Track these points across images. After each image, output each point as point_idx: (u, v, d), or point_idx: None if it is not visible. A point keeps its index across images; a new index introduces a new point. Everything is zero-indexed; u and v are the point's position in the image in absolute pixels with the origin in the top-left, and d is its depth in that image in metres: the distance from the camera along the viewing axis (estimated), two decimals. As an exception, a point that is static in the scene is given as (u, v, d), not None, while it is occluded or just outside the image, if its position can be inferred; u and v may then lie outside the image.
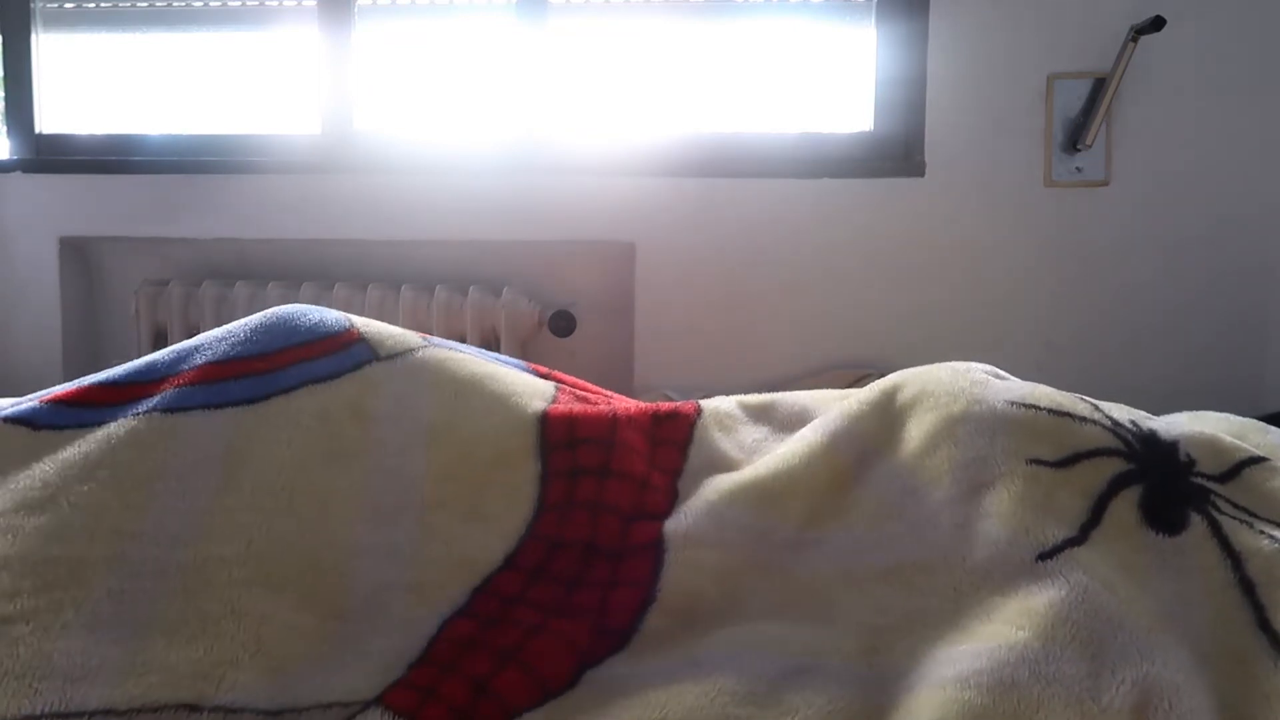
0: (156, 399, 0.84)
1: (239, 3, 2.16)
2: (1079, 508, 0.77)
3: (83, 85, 2.19)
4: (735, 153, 2.00)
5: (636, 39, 2.11)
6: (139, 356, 2.06)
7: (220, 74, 2.18)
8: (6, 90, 2.14)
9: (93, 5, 2.17)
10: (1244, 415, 1.11)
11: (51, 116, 2.16)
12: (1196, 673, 0.65)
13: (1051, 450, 0.82)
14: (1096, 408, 0.91)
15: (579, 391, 0.98)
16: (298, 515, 0.79)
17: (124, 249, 2.12)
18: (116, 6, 2.17)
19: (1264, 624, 0.68)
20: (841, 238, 1.96)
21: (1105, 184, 1.92)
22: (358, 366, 0.89)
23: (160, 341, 2.03)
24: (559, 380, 0.99)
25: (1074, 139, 1.90)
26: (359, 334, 0.92)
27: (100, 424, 0.83)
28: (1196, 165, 1.92)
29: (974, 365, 0.94)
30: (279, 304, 1.99)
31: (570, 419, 0.88)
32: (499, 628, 0.74)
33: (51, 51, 2.17)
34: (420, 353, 0.92)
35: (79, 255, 2.13)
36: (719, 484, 0.84)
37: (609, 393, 1.02)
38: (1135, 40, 1.80)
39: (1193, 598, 0.71)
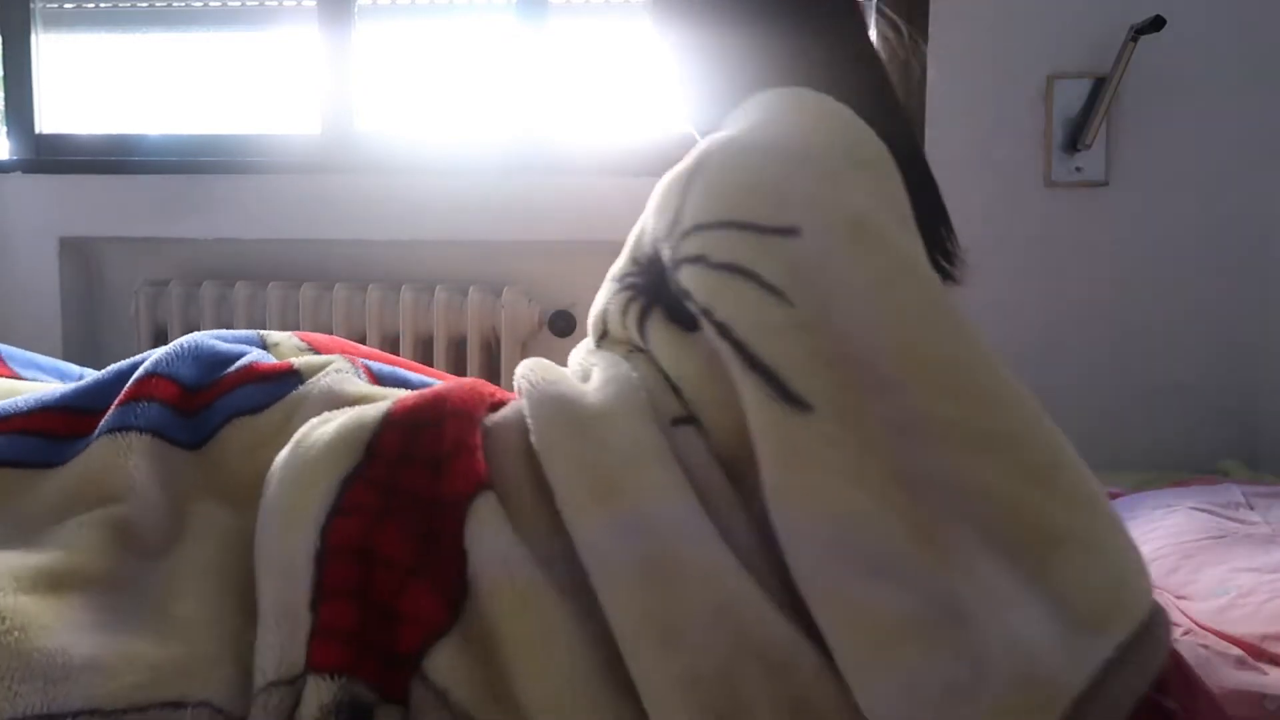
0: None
1: (239, 3, 2.16)
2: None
3: (83, 85, 2.19)
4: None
5: (637, 39, 2.11)
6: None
7: (220, 74, 2.18)
8: (6, 90, 2.14)
9: (93, 5, 2.17)
10: (1243, 416, 1.11)
11: (51, 116, 2.16)
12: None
13: None
14: None
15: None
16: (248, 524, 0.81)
17: (124, 249, 2.13)
18: (116, 6, 2.18)
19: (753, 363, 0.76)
20: (841, 238, 1.96)
21: (1105, 184, 1.92)
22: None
23: (160, 341, 2.03)
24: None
25: (1074, 139, 1.90)
26: (292, 366, 0.93)
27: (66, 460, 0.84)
28: (1196, 165, 1.92)
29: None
30: (279, 304, 1.99)
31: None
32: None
33: (51, 51, 2.17)
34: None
35: (79, 255, 2.13)
36: None
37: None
38: (1135, 40, 1.79)
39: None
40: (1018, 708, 0.65)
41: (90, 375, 1.10)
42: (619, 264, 0.96)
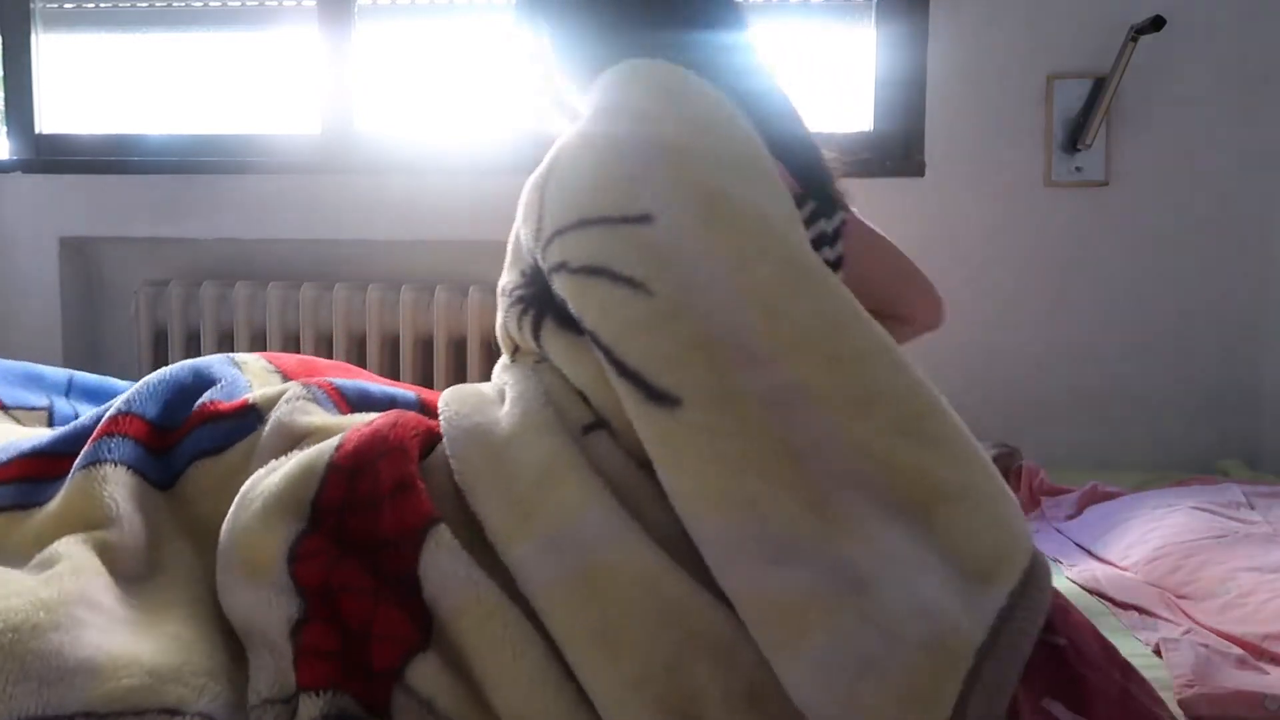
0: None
1: (239, 3, 2.16)
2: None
3: (83, 85, 2.19)
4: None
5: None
6: (139, 356, 2.05)
7: (220, 74, 2.18)
8: (6, 90, 2.14)
9: (93, 5, 2.17)
10: (1243, 417, 1.11)
11: (51, 116, 2.16)
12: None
13: None
14: None
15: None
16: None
17: (124, 249, 2.12)
18: (116, 6, 2.17)
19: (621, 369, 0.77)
20: (841, 238, 1.96)
21: (1105, 184, 1.93)
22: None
23: (160, 341, 2.03)
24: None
25: (1074, 139, 1.90)
26: (249, 402, 0.92)
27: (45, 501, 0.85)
28: (1196, 165, 1.92)
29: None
30: (279, 304, 1.99)
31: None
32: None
33: (51, 51, 2.17)
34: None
35: (79, 255, 2.13)
36: None
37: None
38: (1135, 40, 1.80)
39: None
40: (926, 667, 0.66)
41: (65, 374, 1.09)
42: (506, 278, 0.95)
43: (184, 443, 0.89)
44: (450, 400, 0.88)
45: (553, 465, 0.78)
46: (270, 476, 0.82)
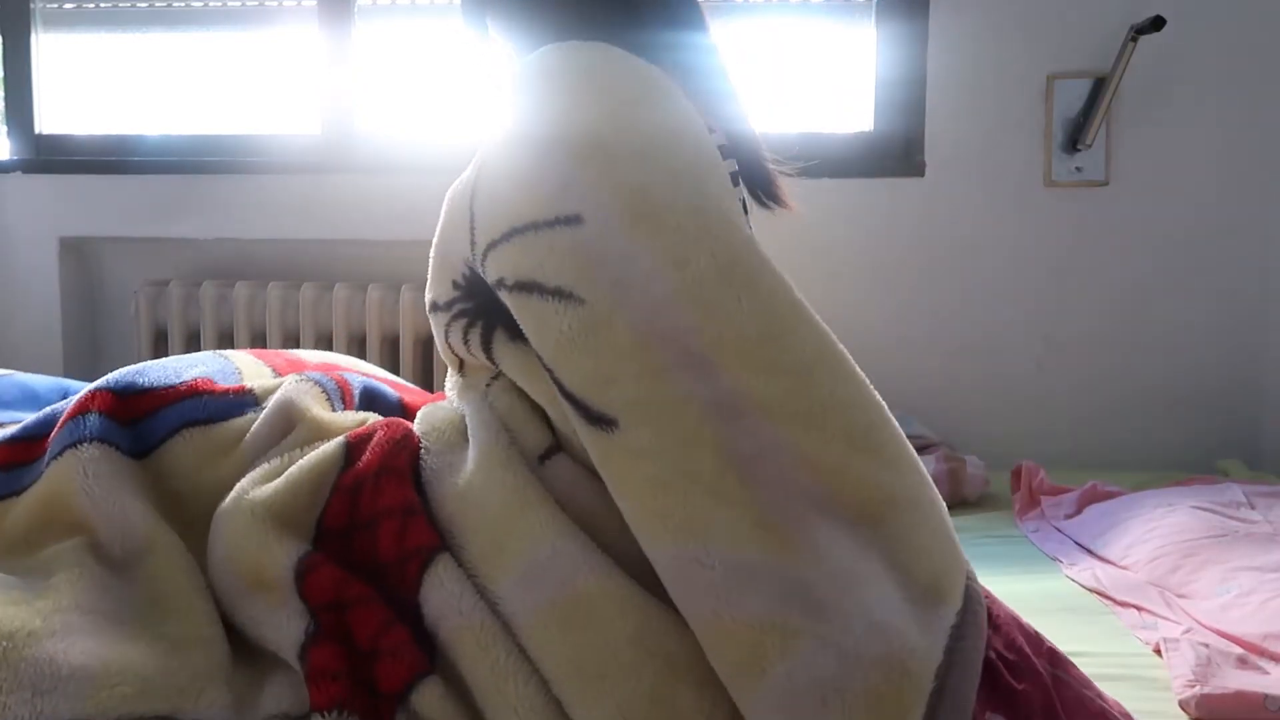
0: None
1: (239, 3, 2.16)
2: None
3: (83, 85, 2.19)
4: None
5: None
6: (139, 356, 2.06)
7: (220, 74, 2.17)
8: (6, 90, 2.14)
9: (93, 5, 2.17)
10: (1243, 416, 1.11)
11: (51, 116, 2.16)
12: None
13: None
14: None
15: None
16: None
17: (124, 249, 2.12)
18: (116, 6, 2.17)
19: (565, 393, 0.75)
20: (841, 238, 1.96)
21: (1105, 184, 1.92)
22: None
23: (160, 341, 2.03)
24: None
25: (1074, 139, 1.90)
26: (246, 387, 0.91)
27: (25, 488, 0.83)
28: (1196, 165, 1.92)
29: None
30: (279, 304, 2.00)
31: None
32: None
33: (51, 51, 2.17)
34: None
35: (79, 255, 2.13)
36: None
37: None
38: (1135, 40, 1.80)
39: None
40: (890, 692, 0.65)
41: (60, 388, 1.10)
42: (437, 291, 0.89)
43: (168, 411, 0.85)
44: (425, 429, 0.84)
45: (513, 501, 0.76)
46: (269, 485, 0.80)
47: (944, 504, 0.77)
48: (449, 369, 0.92)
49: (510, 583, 0.74)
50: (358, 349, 1.98)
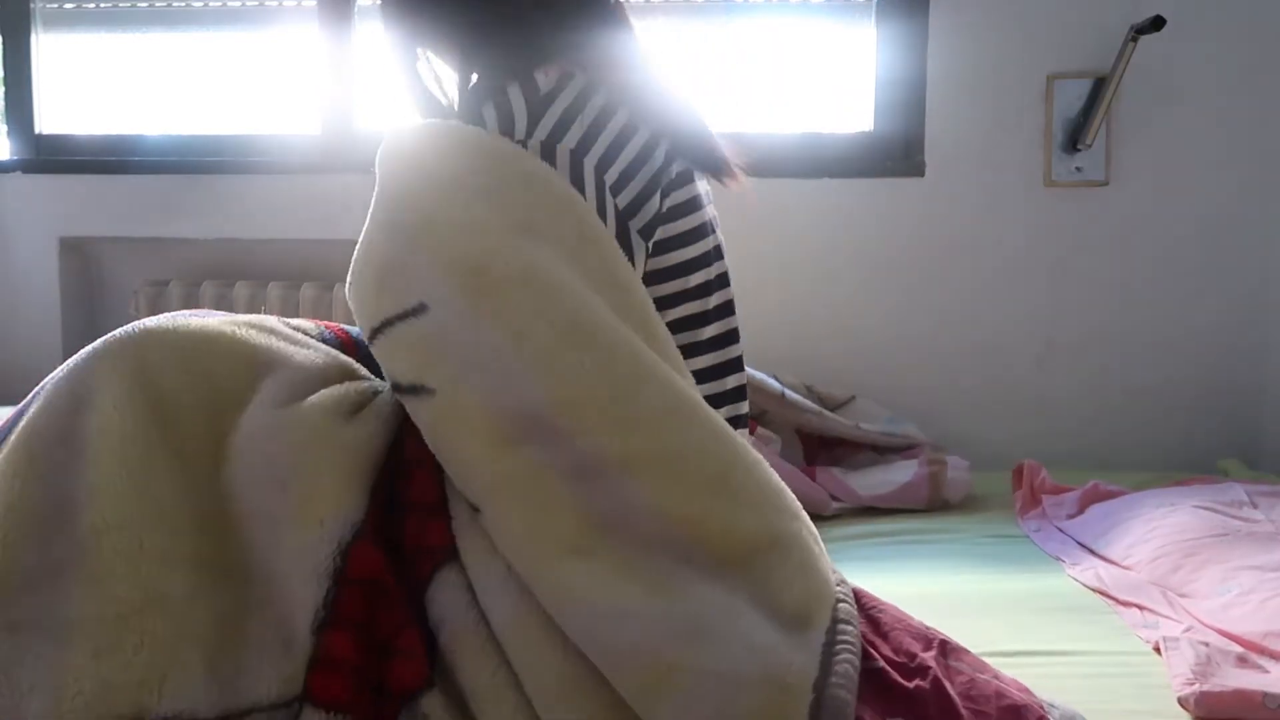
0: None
1: (239, 3, 2.16)
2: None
3: (83, 85, 2.19)
4: (735, 152, 1.99)
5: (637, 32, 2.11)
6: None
7: (220, 74, 2.17)
8: (6, 90, 2.14)
9: (93, 5, 2.17)
10: (1243, 416, 1.11)
11: (51, 116, 2.16)
12: None
13: None
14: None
15: None
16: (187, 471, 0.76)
17: (124, 249, 2.12)
18: (116, 6, 2.17)
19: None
20: (841, 238, 1.96)
21: (1105, 184, 1.92)
22: None
23: (160, 341, 2.02)
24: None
25: (1074, 139, 1.90)
26: None
27: None
28: (1196, 165, 1.92)
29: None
30: (279, 304, 1.99)
31: None
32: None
33: (51, 51, 2.17)
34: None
35: (79, 255, 2.12)
36: None
37: None
38: (1135, 40, 1.80)
39: None
40: (769, 708, 0.67)
41: None
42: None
43: None
44: None
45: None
46: (357, 416, 0.78)
47: (809, 525, 0.79)
48: None
49: (491, 593, 0.74)
50: (358, 349, 1.98)
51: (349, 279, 0.86)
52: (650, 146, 0.94)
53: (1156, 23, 1.75)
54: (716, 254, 1.02)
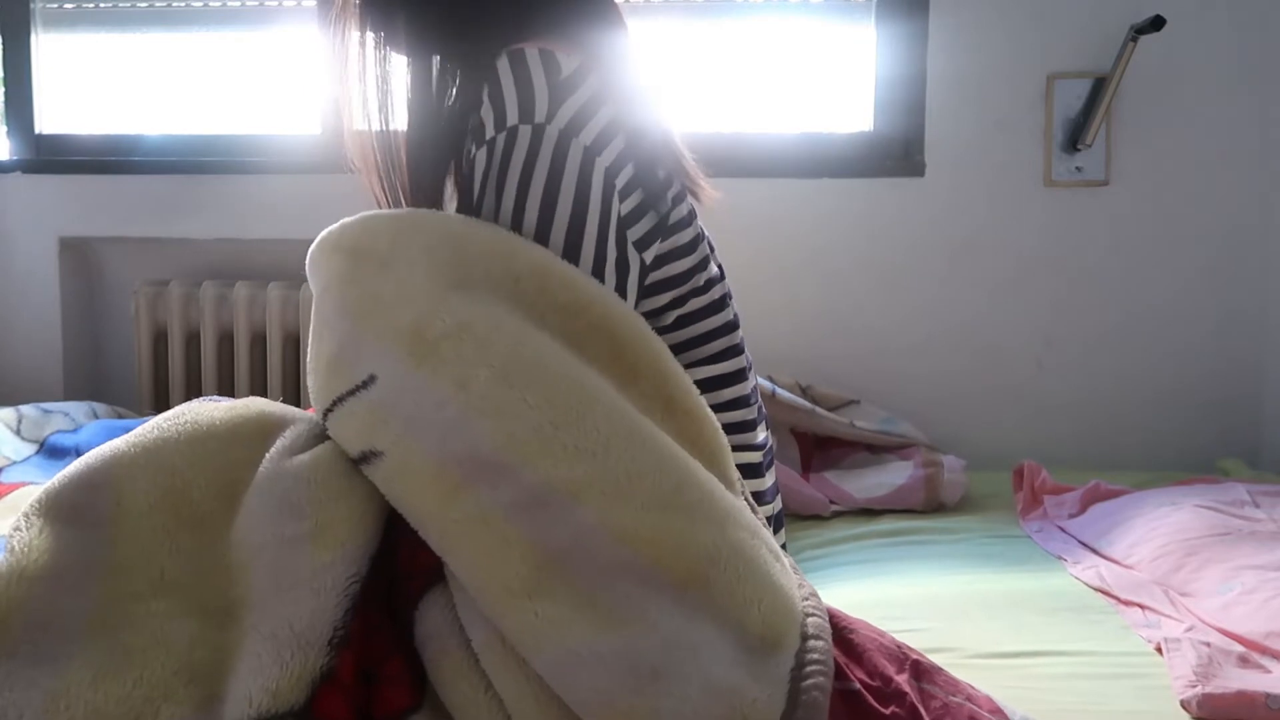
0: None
1: (239, 3, 2.16)
2: None
3: (83, 85, 2.19)
4: (734, 152, 1.99)
5: (635, 38, 2.11)
6: (139, 356, 2.05)
7: (220, 74, 2.17)
8: (6, 90, 2.14)
9: (93, 5, 2.17)
10: (1243, 416, 1.11)
11: (51, 116, 2.16)
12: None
13: None
14: None
15: None
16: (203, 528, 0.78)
17: (124, 249, 2.12)
18: (116, 6, 2.17)
19: None
20: (841, 237, 1.96)
21: (1105, 184, 1.93)
22: None
23: (160, 341, 2.03)
24: None
25: (1074, 139, 1.90)
26: None
27: None
28: (1196, 165, 1.92)
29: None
30: (279, 304, 1.99)
31: None
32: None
33: (51, 51, 2.17)
34: None
35: (79, 255, 2.12)
36: None
37: None
38: (1135, 40, 1.80)
39: None
40: None
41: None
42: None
43: None
44: None
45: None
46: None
47: (769, 541, 0.78)
48: None
49: (468, 614, 0.74)
50: (358, 349, 1.98)
51: (308, 378, 0.88)
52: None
53: (1156, 23, 1.75)
54: (721, 274, 1.03)
